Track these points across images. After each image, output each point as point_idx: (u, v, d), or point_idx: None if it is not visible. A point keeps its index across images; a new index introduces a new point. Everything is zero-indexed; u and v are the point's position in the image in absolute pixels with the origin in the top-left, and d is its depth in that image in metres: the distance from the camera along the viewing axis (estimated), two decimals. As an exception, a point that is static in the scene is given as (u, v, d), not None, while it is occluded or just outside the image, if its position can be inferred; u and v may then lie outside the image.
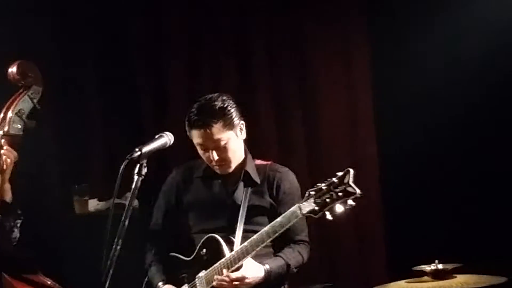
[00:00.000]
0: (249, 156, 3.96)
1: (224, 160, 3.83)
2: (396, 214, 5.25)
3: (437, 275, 3.64)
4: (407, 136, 5.16)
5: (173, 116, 5.29)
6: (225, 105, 3.80)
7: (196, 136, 3.82)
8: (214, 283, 3.69)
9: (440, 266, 3.64)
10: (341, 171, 3.50)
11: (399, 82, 5.24)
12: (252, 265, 3.68)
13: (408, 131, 5.16)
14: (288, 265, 3.78)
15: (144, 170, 3.21)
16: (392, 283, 3.72)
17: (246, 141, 3.98)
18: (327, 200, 3.44)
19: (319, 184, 3.50)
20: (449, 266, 3.66)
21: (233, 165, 3.88)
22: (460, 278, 3.63)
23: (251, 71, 5.47)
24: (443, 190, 5.17)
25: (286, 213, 3.58)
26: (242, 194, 3.86)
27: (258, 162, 3.98)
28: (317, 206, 3.47)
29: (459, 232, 5.04)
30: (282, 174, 3.91)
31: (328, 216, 3.46)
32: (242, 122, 3.87)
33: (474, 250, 4.75)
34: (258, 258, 3.74)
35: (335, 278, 5.24)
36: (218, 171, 3.91)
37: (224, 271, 3.67)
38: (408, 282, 3.68)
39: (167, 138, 3.41)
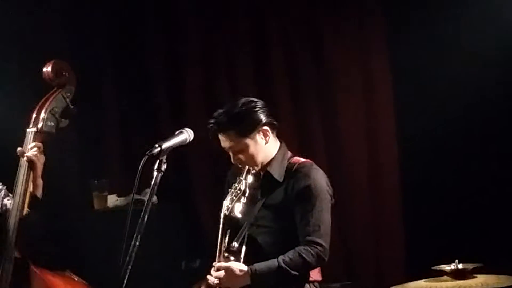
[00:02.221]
0: (282, 155, 3.90)
1: (243, 162, 3.82)
2: (416, 213, 5.24)
3: (457, 275, 3.61)
4: (429, 133, 5.14)
5: (191, 113, 5.30)
6: (242, 113, 3.78)
7: (216, 137, 3.84)
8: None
9: (460, 266, 3.62)
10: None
11: (419, 77, 5.22)
12: (236, 265, 3.65)
13: (430, 128, 5.14)
14: (280, 267, 3.67)
15: (164, 166, 3.21)
16: (411, 283, 3.69)
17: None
18: (233, 197, 3.64)
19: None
20: (469, 266, 3.64)
21: (257, 167, 3.84)
22: (480, 278, 3.61)
23: (268, 69, 5.47)
24: (464, 189, 5.14)
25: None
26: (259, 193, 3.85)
27: (295, 160, 3.91)
28: (230, 203, 3.64)
29: (479, 232, 5.02)
30: (302, 173, 3.83)
31: (237, 213, 3.64)
32: (266, 127, 3.82)
33: (495, 250, 4.72)
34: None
35: (353, 277, 5.23)
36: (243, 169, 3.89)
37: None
38: (427, 281, 3.66)
39: (187, 135, 3.40)
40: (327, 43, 5.44)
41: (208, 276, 3.71)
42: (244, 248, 3.70)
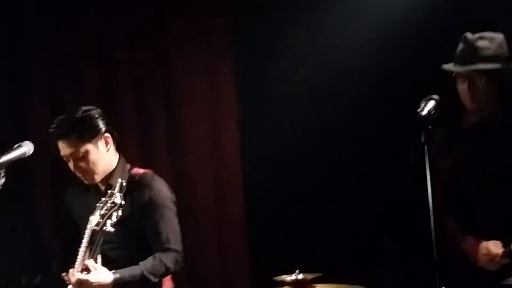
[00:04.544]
0: (122, 167, 3.94)
1: (84, 171, 3.82)
2: (259, 226, 5.31)
3: (297, 285, 3.72)
4: (272, 147, 5.22)
5: (35, 125, 5.17)
6: (84, 118, 3.82)
7: (57, 147, 3.83)
8: None
9: (300, 276, 3.72)
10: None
11: (264, 91, 5.31)
12: (100, 271, 3.63)
13: (273, 143, 5.23)
14: (143, 273, 3.72)
15: (2, 180, 3.16)
16: (253, 294, 3.77)
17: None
18: (106, 212, 3.55)
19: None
20: (309, 276, 3.75)
21: (98, 176, 3.87)
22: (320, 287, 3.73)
23: (114, 82, 5.39)
24: (304, 202, 5.26)
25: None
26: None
27: (135, 171, 3.96)
28: (101, 218, 3.56)
29: (319, 243, 5.15)
30: (144, 184, 3.88)
31: (109, 227, 3.55)
32: (107, 135, 3.86)
33: (334, 260, 4.86)
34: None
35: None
36: (85, 182, 3.90)
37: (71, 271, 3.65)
38: (269, 292, 3.75)
39: (26, 148, 3.40)
40: (174, 56, 5.42)
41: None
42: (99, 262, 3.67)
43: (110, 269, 3.68)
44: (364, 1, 5.18)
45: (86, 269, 3.60)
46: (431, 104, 2.99)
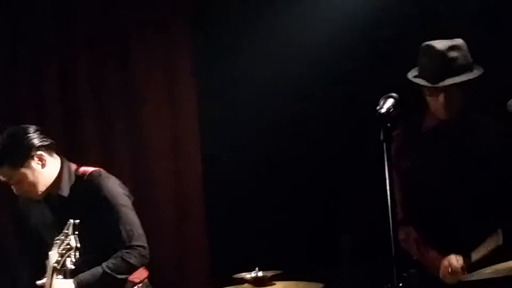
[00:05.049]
0: (67, 170, 3.86)
1: (26, 191, 3.80)
2: (219, 223, 5.31)
3: (257, 282, 3.74)
4: (232, 147, 5.24)
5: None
6: (11, 144, 3.73)
7: None
8: None
9: (260, 274, 3.74)
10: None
11: (224, 89, 5.32)
12: (60, 284, 3.60)
13: (234, 142, 5.24)
14: (104, 273, 3.71)
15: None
16: (213, 291, 3.78)
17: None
18: (63, 252, 3.49)
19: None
20: (269, 274, 3.77)
21: (41, 192, 3.82)
22: (279, 285, 3.75)
23: (73, 81, 5.36)
24: (264, 200, 5.28)
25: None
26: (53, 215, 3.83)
27: (83, 171, 3.89)
28: (60, 256, 3.51)
29: (279, 240, 5.17)
30: (93, 185, 3.83)
31: (69, 265, 3.50)
32: (39, 152, 3.77)
33: (293, 258, 4.89)
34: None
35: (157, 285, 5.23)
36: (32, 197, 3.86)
37: None
38: (229, 290, 3.76)
39: None
40: (133, 56, 5.40)
41: None
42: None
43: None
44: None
45: None
46: (390, 102, 3.02)
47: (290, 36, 5.25)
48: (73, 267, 3.54)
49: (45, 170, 3.79)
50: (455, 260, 3.67)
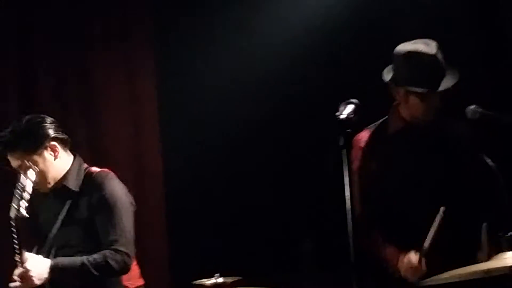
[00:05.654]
0: (77, 167, 3.88)
1: (34, 182, 3.74)
2: (179, 229, 5.30)
3: (217, 289, 3.72)
4: (191, 150, 5.24)
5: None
6: (27, 130, 3.77)
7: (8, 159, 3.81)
8: None
9: (220, 280, 3.73)
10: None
11: (185, 89, 5.33)
12: (35, 257, 3.62)
13: (195, 144, 5.25)
14: (83, 264, 3.67)
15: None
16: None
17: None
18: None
19: None
20: (229, 280, 3.76)
21: (49, 184, 3.83)
22: (239, 291, 3.74)
23: (34, 87, 5.34)
24: (224, 205, 5.27)
25: None
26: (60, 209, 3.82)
27: (92, 170, 3.90)
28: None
29: (239, 246, 5.16)
30: (96, 183, 3.83)
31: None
32: (53, 143, 3.80)
33: (254, 264, 4.88)
34: None
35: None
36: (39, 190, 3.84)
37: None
38: (189, 296, 3.74)
39: None
40: (93, 57, 5.39)
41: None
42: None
43: None
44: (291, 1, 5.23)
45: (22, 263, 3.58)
46: (350, 108, 3.02)
47: (253, 35, 5.28)
48: (27, 215, 3.56)
49: (57, 162, 3.81)
50: (414, 256, 3.68)
